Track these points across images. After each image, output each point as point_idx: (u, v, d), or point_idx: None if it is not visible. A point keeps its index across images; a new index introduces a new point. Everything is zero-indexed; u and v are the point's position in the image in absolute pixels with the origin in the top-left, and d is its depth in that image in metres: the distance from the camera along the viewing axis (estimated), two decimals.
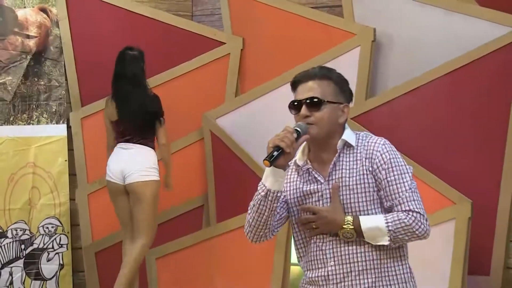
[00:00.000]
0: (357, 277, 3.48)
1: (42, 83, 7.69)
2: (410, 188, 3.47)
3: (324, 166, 3.59)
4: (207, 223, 7.42)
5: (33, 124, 7.63)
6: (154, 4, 7.76)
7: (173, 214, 7.33)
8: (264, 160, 3.39)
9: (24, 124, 7.59)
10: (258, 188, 3.53)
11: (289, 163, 3.56)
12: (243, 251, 6.94)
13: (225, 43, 7.50)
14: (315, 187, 3.57)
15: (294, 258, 6.80)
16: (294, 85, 3.64)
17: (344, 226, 3.44)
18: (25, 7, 7.63)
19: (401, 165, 3.51)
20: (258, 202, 3.54)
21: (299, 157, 3.64)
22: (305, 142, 3.58)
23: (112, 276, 7.34)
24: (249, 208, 3.63)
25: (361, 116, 6.72)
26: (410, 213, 3.42)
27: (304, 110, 3.52)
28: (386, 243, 3.43)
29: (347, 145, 3.57)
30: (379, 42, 6.97)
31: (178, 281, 7.07)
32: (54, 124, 7.71)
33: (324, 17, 7.16)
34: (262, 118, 7.29)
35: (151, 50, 7.12)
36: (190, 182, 7.42)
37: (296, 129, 3.46)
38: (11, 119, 7.54)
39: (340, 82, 3.64)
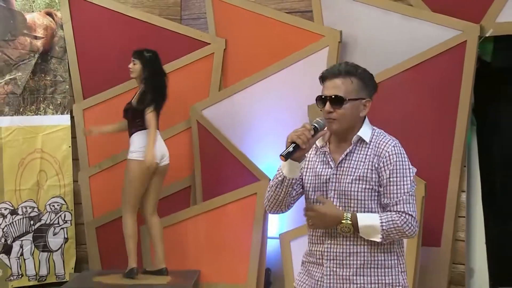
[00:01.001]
0: (348, 258, 3.52)
1: (48, 78, 7.71)
2: (408, 192, 3.48)
3: (339, 153, 3.59)
4: (194, 202, 7.46)
5: (40, 114, 7.64)
6: (147, 9, 7.78)
7: (164, 194, 7.34)
8: (280, 155, 3.38)
9: (33, 115, 7.59)
10: (277, 172, 3.55)
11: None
12: (226, 226, 7.01)
13: (209, 44, 7.52)
14: (326, 170, 3.58)
15: (270, 233, 6.90)
16: (322, 80, 3.60)
17: (343, 222, 3.44)
18: (33, 11, 7.62)
19: (405, 169, 3.50)
20: (275, 185, 3.55)
21: (320, 139, 3.63)
22: None
23: (110, 248, 7.41)
24: (268, 187, 3.62)
25: None
26: (404, 214, 3.43)
27: (328, 106, 3.50)
28: (378, 240, 3.44)
29: (361, 140, 3.57)
30: (345, 43, 7.02)
31: (169, 252, 7.10)
32: (59, 114, 7.73)
33: (297, 21, 7.20)
34: (242, 109, 7.34)
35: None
36: (179, 165, 7.43)
37: (314, 125, 3.46)
38: (21, 110, 7.53)
39: (364, 78, 3.59)
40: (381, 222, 3.42)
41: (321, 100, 3.55)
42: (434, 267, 6.55)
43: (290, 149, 3.38)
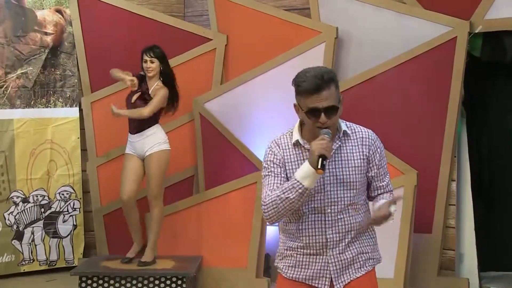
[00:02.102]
0: (350, 243, 3.59)
1: (58, 72, 7.71)
2: (387, 173, 3.71)
3: None
4: (197, 191, 7.47)
5: (50, 107, 7.64)
6: (152, 6, 7.77)
7: (168, 183, 7.34)
8: (317, 169, 3.31)
9: (43, 107, 7.60)
10: (294, 185, 3.39)
11: (279, 140, 3.60)
12: (227, 214, 7.01)
13: (211, 40, 7.52)
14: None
15: None
16: (306, 93, 3.43)
17: (390, 216, 3.52)
18: (43, 9, 7.62)
19: (383, 153, 3.68)
20: (293, 198, 3.40)
21: (296, 135, 3.57)
22: (298, 121, 3.58)
23: (117, 234, 7.40)
24: (278, 199, 3.44)
25: None
26: (390, 193, 3.69)
27: (323, 117, 3.41)
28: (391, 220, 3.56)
29: (345, 133, 3.58)
30: (341, 38, 7.03)
31: (173, 238, 7.11)
32: (68, 107, 7.74)
33: (295, 18, 7.20)
34: (243, 102, 7.35)
35: (149, 45, 7.12)
36: (183, 156, 7.44)
37: (327, 137, 3.41)
38: (32, 103, 7.54)
39: (337, 80, 3.53)
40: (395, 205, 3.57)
41: (315, 112, 3.44)
42: (425, 252, 6.57)
43: (324, 162, 3.34)
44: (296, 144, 3.58)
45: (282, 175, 3.55)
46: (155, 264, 6.69)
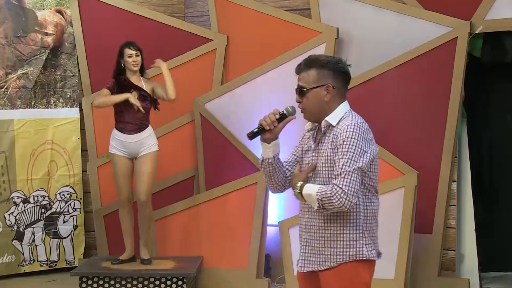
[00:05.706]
0: (318, 231, 3.62)
1: (59, 73, 7.71)
2: (349, 169, 3.45)
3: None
4: (197, 191, 7.45)
5: (51, 107, 7.64)
6: (153, 7, 7.76)
7: (169, 183, 7.36)
8: (246, 134, 3.67)
9: (44, 108, 7.60)
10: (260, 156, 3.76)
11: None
12: (228, 214, 7.00)
13: (212, 40, 7.51)
14: (308, 151, 3.74)
15: (270, 220, 6.88)
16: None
17: (294, 189, 3.62)
18: (44, 9, 7.62)
19: (352, 145, 3.49)
20: (262, 168, 3.77)
21: (309, 123, 3.77)
22: None
23: (117, 235, 7.39)
24: None
25: None
26: (335, 187, 3.43)
27: (297, 97, 3.69)
28: (316, 208, 3.52)
29: (329, 125, 3.63)
30: (341, 39, 7.01)
31: (173, 239, 7.11)
32: (68, 107, 7.75)
33: (295, 18, 7.19)
34: (243, 103, 7.33)
35: (150, 45, 7.13)
36: (183, 156, 7.43)
37: (282, 111, 3.64)
38: (33, 103, 7.53)
39: (324, 66, 3.63)
40: (317, 192, 3.48)
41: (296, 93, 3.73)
42: (426, 253, 6.55)
43: (255, 129, 3.66)
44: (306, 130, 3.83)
45: (294, 154, 3.86)
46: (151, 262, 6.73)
